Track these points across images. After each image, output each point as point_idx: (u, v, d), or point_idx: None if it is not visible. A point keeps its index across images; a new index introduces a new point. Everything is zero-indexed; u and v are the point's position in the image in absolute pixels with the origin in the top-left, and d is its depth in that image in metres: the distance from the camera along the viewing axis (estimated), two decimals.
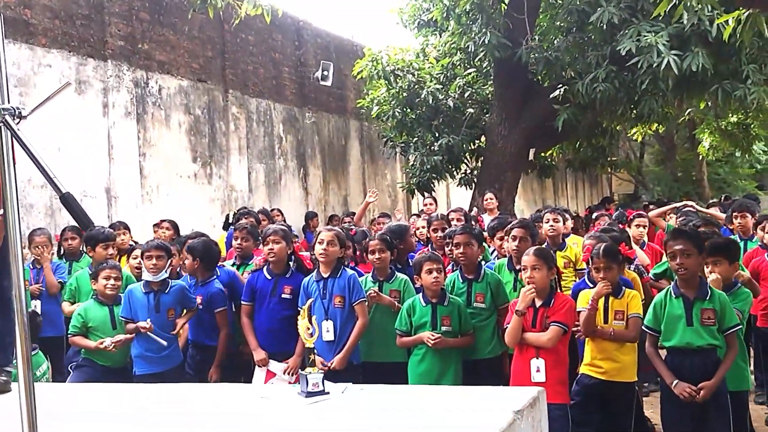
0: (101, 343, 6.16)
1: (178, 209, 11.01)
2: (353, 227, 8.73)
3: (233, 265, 7.45)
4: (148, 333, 6.13)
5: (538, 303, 5.36)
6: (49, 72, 9.75)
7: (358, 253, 7.22)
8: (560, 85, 12.61)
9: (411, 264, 6.41)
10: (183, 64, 12.15)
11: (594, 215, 11.31)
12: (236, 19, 11.51)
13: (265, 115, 14.22)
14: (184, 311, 6.48)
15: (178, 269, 7.39)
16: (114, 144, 10.58)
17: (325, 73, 15.43)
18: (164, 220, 9.57)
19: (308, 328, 3.85)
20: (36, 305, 7.49)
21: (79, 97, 10.10)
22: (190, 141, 12.18)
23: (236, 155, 13.24)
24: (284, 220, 10.93)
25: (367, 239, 6.69)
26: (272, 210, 11.69)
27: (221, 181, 12.80)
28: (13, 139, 2.39)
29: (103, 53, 10.58)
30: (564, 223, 8.00)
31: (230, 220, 9.88)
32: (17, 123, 2.41)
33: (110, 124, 10.59)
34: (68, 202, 2.24)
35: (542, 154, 17.10)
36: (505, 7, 13.58)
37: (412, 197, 17.95)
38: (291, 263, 6.39)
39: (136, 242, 8.68)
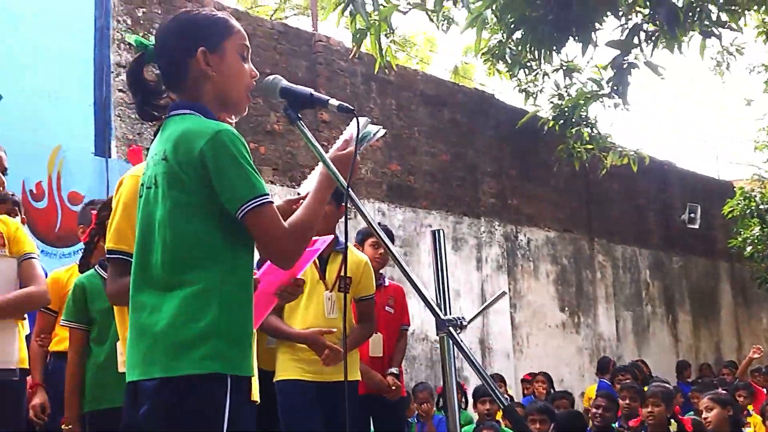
0: None
1: (548, 360, 11.10)
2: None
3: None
4: None
5: None
6: (429, 232, 10.44)
7: None
8: None
9: None
10: (549, 215, 12.46)
11: None
12: (602, 170, 11.69)
13: (631, 261, 14.05)
14: None
15: None
16: (487, 297, 10.99)
17: (692, 215, 14.94)
18: (537, 374, 9.71)
19: None
20: None
21: (455, 254, 10.69)
22: (558, 290, 12.33)
23: (603, 303, 13.15)
24: (650, 372, 10.68)
25: None
26: (637, 360, 11.44)
27: (589, 330, 12.74)
28: (455, 347, 2.61)
29: (476, 211, 11.17)
30: None
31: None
32: (458, 333, 2.64)
33: (483, 277, 11.05)
34: (510, 413, 2.40)
35: None
36: None
37: None
38: (670, 426, 6.15)
39: (510, 396, 8.87)
